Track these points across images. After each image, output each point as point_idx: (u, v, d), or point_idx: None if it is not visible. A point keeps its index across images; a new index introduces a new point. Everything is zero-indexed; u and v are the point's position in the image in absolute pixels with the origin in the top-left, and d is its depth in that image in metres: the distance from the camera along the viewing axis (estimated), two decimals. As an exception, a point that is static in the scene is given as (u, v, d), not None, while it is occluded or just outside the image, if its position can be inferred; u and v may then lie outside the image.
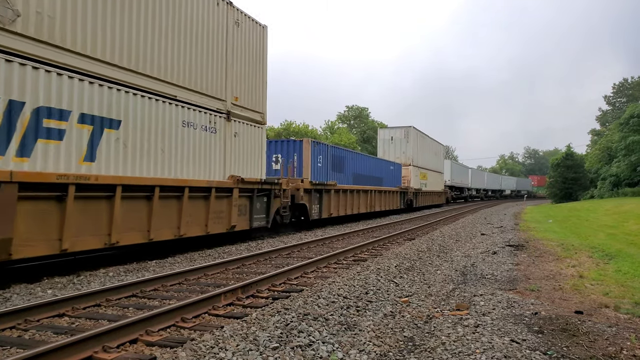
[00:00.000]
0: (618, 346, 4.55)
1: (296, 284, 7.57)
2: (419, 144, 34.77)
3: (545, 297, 6.72)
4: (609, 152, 46.79)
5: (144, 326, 4.83)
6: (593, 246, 12.09)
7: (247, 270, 8.88)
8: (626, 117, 40.73)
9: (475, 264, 9.56)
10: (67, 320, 5.43)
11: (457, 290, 7.10)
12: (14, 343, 4.55)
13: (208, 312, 5.72)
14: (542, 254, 11.05)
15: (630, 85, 68.82)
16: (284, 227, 16.42)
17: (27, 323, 5.17)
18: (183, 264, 9.60)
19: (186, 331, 5.03)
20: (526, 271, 8.80)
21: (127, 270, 8.70)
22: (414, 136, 33.75)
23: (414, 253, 10.70)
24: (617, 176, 41.26)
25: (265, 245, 12.60)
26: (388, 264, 9.00)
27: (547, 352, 4.40)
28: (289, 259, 10.31)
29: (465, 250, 11.79)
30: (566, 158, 49.14)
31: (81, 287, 7.29)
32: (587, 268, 9.01)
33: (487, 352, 4.35)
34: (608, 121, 65.74)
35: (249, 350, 4.18)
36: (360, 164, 23.58)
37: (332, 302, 5.95)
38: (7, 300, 6.39)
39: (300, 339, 4.54)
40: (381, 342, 4.68)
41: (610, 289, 7.15)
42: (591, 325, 5.21)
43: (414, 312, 5.87)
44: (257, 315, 5.24)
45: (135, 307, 6.03)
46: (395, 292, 6.88)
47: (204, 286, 7.36)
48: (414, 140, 33.65)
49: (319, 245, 12.80)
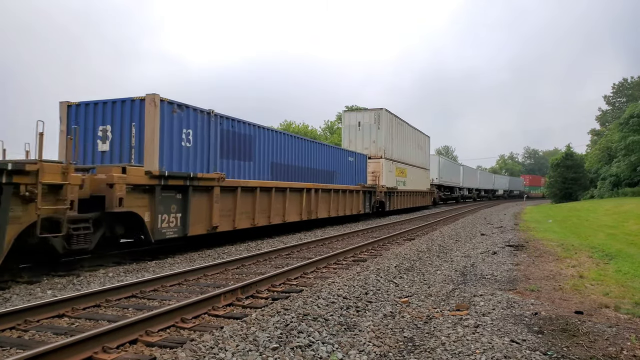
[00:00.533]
0: (618, 346, 4.55)
1: (296, 284, 7.57)
2: (394, 132, 28.40)
3: (545, 297, 6.71)
4: (608, 152, 46.80)
5: (144, 327, 4.83)
6: (593, 246, 12.09)
7: (246, 270, 8.87)
8: (626, 117, 40.74)
9: (475, 264, 9.56)
10: (66, 321, 5.43)
11: (457, 291, 7.10)
12: (13, 343, 4.55)
13: (208, 313, 5.72)
14: (542, 254, 11.05)
15: (630, 85, 68.79)
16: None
17: (27, 323, 5.17)
18: (183, 264, 9.60)
19: (186, 332, 5.03)
20: (526, 271, 8.80)
21: (126, 271, 8.69)
22: (387, 121, 27.17)
23: (414, 253, 10.70)
24: (617, 176, 41.28)
25: (265, 246, 12.59)
26: (388, 264, 9.00)
27: (547, 352, 4.40)
28: (289, 259, 10.30)
29: (465, 250, 11.79)
30: (566, 158, 49.18)
31: (81, 287, 7.28)
32: (587, 268, 9.01)
33: (487, 353, 4.35)
34: (608, 121, 65.71)
35: (249, 351, 4.17)
36: (287, 149, 16.21)
37: (332, 303, 5.95)
38: (7, 300, 6.39)
39: (300, 339, 4.54)
40: (381, 343, 4.68)
41: (611, 289, 7.15)
42: (591, 326, 5.21)
43: (413, 312, 5.87)
44: (256, 315, 5.23)
45: (135, 307, 6.03)
46: (395, 293, 6.87)
47: (204, 287, 7.35)
48: (388, 126, 27.18)
49: (319, 245, 12.81)
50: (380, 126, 26.33)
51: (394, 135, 28.40)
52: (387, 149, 26.75)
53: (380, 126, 26.32)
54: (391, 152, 27.65)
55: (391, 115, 27.97)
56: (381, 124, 26.40)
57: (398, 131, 29.33)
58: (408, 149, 31.77)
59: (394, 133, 28.42)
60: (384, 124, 26.54)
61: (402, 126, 30.43)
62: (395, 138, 28.57)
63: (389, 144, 27.20)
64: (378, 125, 26.31)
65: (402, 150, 30.17)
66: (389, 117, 27.53)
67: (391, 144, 27.69)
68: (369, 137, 26.43)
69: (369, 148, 26.17)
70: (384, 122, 26.63)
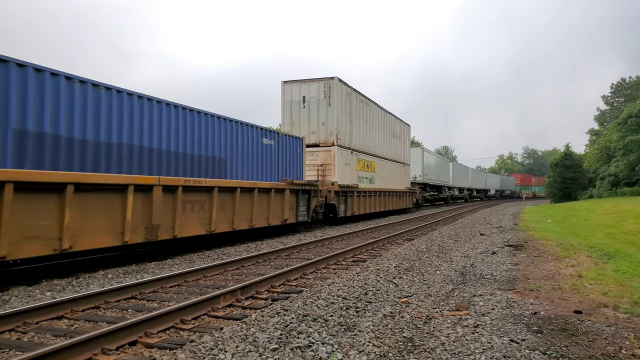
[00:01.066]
0: (617, 345, 4.56)
1: (295, 285, 7.57)
2: (354, 112, 21.59)
3: (545, 297, 6.72)
4: (607, 152, 46.87)
5: (143, 328, 4.82)
6: (592, 246, 12.10)
7: (246, 271, 8.87)
8: (624, 116, 40.82)
9: (475, 264, 9.57)
10: (66, 323, 5.42)
11: (457, 291, 7.11)
12: (13, 345, 4.55)
13: (207, 314, 5.72)
14: (541, 253, 11.06)
15: (628, 85, 68.92)
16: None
17: (26, 325, 5.16)
18: (182, 265, 9.60)
19: (185, 333, 5.03)
20: (525, 271, 8.80)
21: (126, 272, 8.69)
22: (342, 96, 20.11)
23: (413, 253, 10.71)
24: (615, 176, 41.34)
25: (265, 247, 12.59)
26: (387, 264, 9.01)
27: (547, 351, 4.41)
28: (288, 260, 10.31)
29: (464, 250, 11.80)
30: (565, 158, 49.25)
31: (80, 289, 7.28)
32: (586, 268, 9.02)
33: (487, 352, 4.35)
34: (606, 121, 65.81)
35: (249, 352, 4.18)
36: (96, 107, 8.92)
37: (332, 303, 5.95)
38: (5, 302, 6.38)
39: (300, 340, 4.54)
40: (381, 343, 4.68)
41: (609, 288, 7.16)
42: (590, 325, 5.22)
43: (413, 312, 5.87)
44: (256, 316, 5.24)
45: (134, 309, 6.03)
46: (394, 293, 6.88)
47: (203, 288, 7.35)
48: (343, 103, 20.16)
49: (318, 246, 12.81)
50: (332, 102, 19.35)
51: (355, 117, 21.67)
52: (342, 133, 20.03)
53: (331, 102, 19.35)
54: (349, 139, 20.93)
55: (348, 88, 20.73)
56: (333, 99, 19.37)
57: (361, 112, 22.61)
58: (377, 137, 25.11)
59: (355, 113, 21.68)
60: (336, 98, 19.48)
61: (367, 106, 23.40)
62: (356, 120, 21.85)
63: (345, 127, 20.31)
64: (329, 101, 19.34)
65: (367, 137, 23.42)
66: (345, 91, 20.33)
67: (349, 127, 20.89)
68: (316, 118, 19.58)
69: (317, 132, 19.55)
70: (337, 97, 19.56)
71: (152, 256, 10.60)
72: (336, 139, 19.58)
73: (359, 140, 22.42)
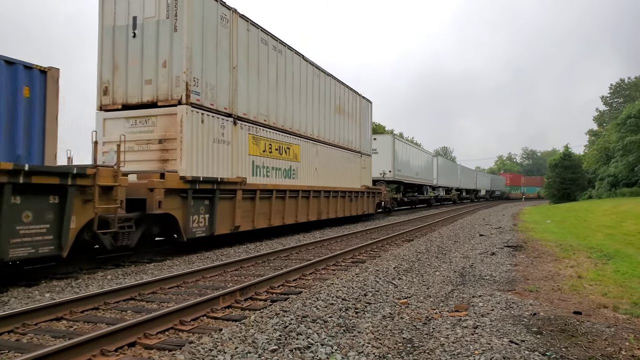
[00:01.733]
0: (617, 346, 4.56)
1: (294, 286, 7.56)
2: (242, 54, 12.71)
3: (544, 297, 6.72)
4: (606, 153, 46.94)
5: (142, 329, 4.82)
6: (591, 246, 12.11)
7: (245, 272, 8.86)
8: (623, 117, 40.87)
9: (474, 265, 9.56)
10: (65, 324, 5.41)
11: (456, 292, 7.10)
12: (11, 347, 4.54)
13: (206, 315, 5.71)
14: (540, 254, 11.07)
15: (627, 86, 68.98)
16: None
17: (25, 327, 5.15)
18: (181, 266, 9.58)
19: (184, 334, 5.02)
20: (525, 272, 8.81)
21: (125, 273, 8.67)
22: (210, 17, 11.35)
23: (413, 254, 10.70)
24: (614, 176, 41.37)
25: (264, 248, 12.59)
26: (386, 265, 9.01)
27: (546, 352, 4.40)
28: (287, 261, 10.30)
29: (463, 251, 11.80)
30: (564, 158, 49.27)
31: (79, 290, 7.26)
32: (586, 268, 9.02)
33: (486, 353, 4.35)
34: (605, 121, 65.87)
35: (248, 353, 4.17)
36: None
37: (331, 304, 5.95)
38: (4, 304, 6.36)
39: (299, 341, 4.53)
40: (380, 344, 4.67)
41: (609, 289, 7.16)
42: (590, 326, 5.22)
43: (412, 313, 5.87)
44: (255, 317, 5.23)
45: (133, 310, 6.02)
46: (393, 294, 6.87)
47: (202, 289, 7.34)
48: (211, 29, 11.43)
49: (318, 247, 12.81)
50: (180, 23, 10.64)
51: (248, 65, 13.08)
52: (207, 83, 11.29)
53: (179, 24, 10.66)
54: (228, 97, 12.22)
55: (226, 9, 12.08)
56: (182, 20, 10.65)
57: (263, 60, 13.84)
58: (305, 108, 16.68)
59: (247, 59, 13.01)
60: (191, 19, 10.74)
61: (280, 55, 14.82)
62: (252, 72, 13.27)
63: (214, 73, 11.59)
64: (174, 25, 10.69)
65: (280, 104, 14.87)
66: (218, 12, 11.76)
67: (229, 77, 12.24)
68: (154, 54, 10.92)
69: (155, 80, 10.89)
70: (195, 17, 10.89)
71: (150, 257, 10.59)
72: (186, 91, 10.59)
73: (259, 106, 13.68)
